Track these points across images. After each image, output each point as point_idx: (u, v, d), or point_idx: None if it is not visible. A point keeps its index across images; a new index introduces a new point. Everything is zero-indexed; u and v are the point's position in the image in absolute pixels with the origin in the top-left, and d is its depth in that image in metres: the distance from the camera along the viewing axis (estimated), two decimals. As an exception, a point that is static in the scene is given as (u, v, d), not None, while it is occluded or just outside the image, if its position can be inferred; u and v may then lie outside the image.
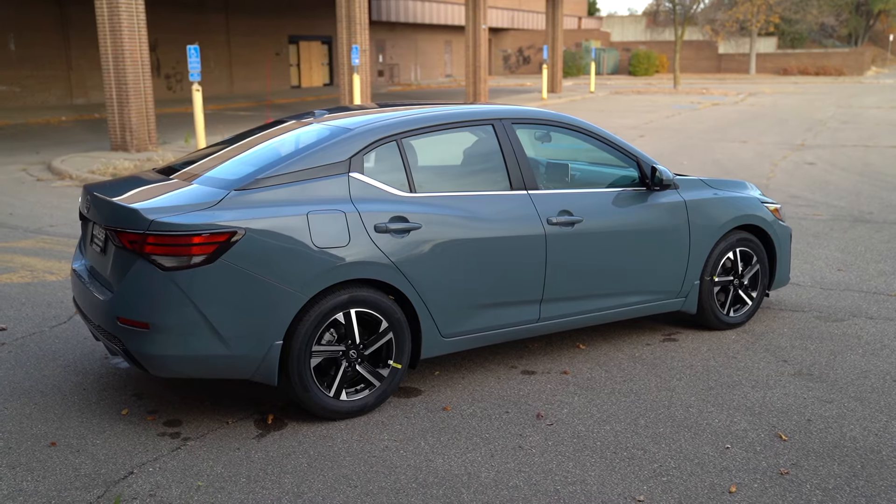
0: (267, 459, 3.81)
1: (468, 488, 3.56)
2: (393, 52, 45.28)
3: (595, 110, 26.95)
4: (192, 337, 3.83)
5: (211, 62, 33.57)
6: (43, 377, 4.79)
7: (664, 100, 32.02)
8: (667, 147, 16.96)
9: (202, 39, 32.71)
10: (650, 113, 25.71)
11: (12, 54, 26.68)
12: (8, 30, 26.40)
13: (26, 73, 27.06)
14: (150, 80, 16.03)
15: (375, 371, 4.28)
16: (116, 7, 15.19)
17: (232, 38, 34.45)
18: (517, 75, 55.23)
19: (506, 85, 43.21)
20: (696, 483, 3.60)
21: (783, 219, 5.96)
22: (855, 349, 5.25)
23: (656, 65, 55.02)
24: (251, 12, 34.96)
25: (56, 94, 28.00)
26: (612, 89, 38.76)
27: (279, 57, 37.29)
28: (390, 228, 4.19)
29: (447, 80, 48.48)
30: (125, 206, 3.94)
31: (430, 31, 47.97)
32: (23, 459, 3.80)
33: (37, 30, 26.98)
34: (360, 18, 21.61)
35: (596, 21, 66.24)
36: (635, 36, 65.52)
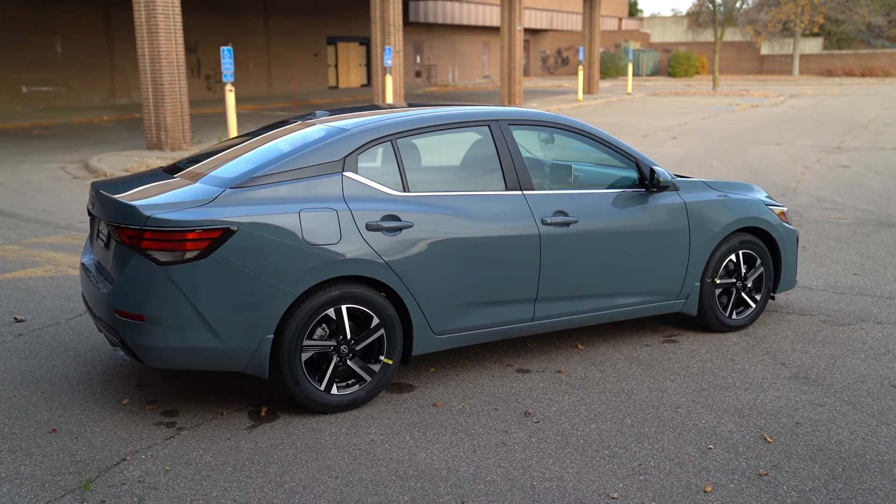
0: (255, 449, 3.92)
1: (446, 482, 3.63)
2: (430, 52, 45.46)
3: (630, 111, 26.80)
4: (185, 329, 3.96)
5: (250, 63, 34.06)
6: (53, 367, 4.97)
7: (702, 101, 31.69)
8: (698, 149, 16.82)
9: (241, 41, 33.22)
10: (686, 114, 25.48)
11: (59, 56, 27.39)
12: (55, 32, 27.11)
13: (72, 74, 27.75)
14: (186, 81, 16.35)
15: (367, 366, 4.37)
16: (153, 10, 15.54)
17: (271, 39, 34.91)
18: (555, 76, 55.05)
19: (543, 86, 43.12)
20: (672, 482, 3.63)
21: (790, 222, 5.92)
22: (857, 354, 5.21)
23: (696, 66, 54.42)
24: (290, 14, 35.40)
25: (99, 95, 28.67)
26: (650, 90, 38.46)
27: (317, 58, 37.69)
28: (382, 227, 4.29)
29: (485, 80, 48.53)
30: (125, 202, 4.09)
31: (467, 32, 48.06)
32: (24, 444, 3.97)
33: (82, 32, 27.65)
34: (394, 20, 21.78)
35: (636, 22, 65.73)
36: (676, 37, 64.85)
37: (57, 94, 27.37)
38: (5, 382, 4.73)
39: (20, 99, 26.44)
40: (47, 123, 22.54)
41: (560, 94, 34.74)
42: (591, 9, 34.84)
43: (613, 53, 52.83)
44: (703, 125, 22.05)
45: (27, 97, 26.62)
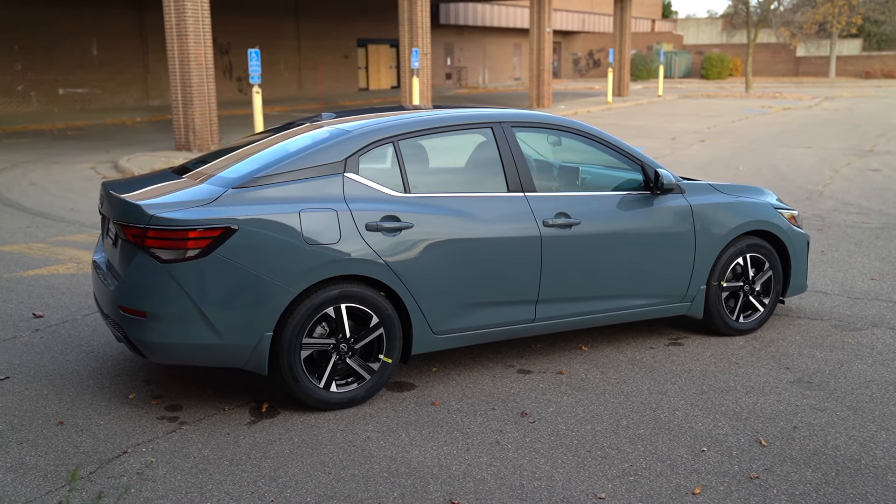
0: (253, 444, 4.00)
1: (436, 479, 3.68)
2: (461, 55, 45.54)
3: (660, 114, 26.63)
4: (186, 326, 4.06)
5: (281, 65, 34.41)
6: (66, 361, 5.10)
7: (733, 104, 31.38)
8: (725, 152, 16.68)
9: (273, 43, 33.58)
10: (716, 117, 25.25)
11: (94, 58, 27.91)
12: (91, 35, 27.63)
13: (106, 76, 28.26)
14: (214, 83, 16.59)
15: (366, 365, 4.43)
16: (183, 13, 15.79)
17: (302, 41, 35.24)
18: (586, 79, 54.83)
19: (573, 88, 42.98)
20: (662, 483, 3.64)
21: (800, 225, 5.88)
22: (864, 359, 5.16)
23: (730, 68, 53.87)
24: (321, 16, 35.69)
25: (133, 96, 29.15)
26: (682, 93, 38.16)
27: (347, 60, 37.95)
28: (381, 227, 4.34)
29: (515, 83, 48.49)
30: (130, 201, 4.20)
31: (498, 35, 48.07)
32: (31, 436, 4.09)
33: (118, 35, 28.15)
34: (422, 22, 21.88)
35: (670, 24, 65.22)
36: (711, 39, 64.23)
37: (92, 96, 27.89)
38: (19, 376, 4.87)
39: (57, 100, 26.99)
40: (82, 124, 22.99)
41: (590, 97, 34.60)
42: (621, 10, 34.67)
43: (645, 55, 52.46)
44: (733, 128, 21.84)
45: (63, 99, 27.16)
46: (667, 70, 53.65)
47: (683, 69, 55.30)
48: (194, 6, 15.89)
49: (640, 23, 59.50)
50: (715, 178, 13.08)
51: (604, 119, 24.79)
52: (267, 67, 33.33)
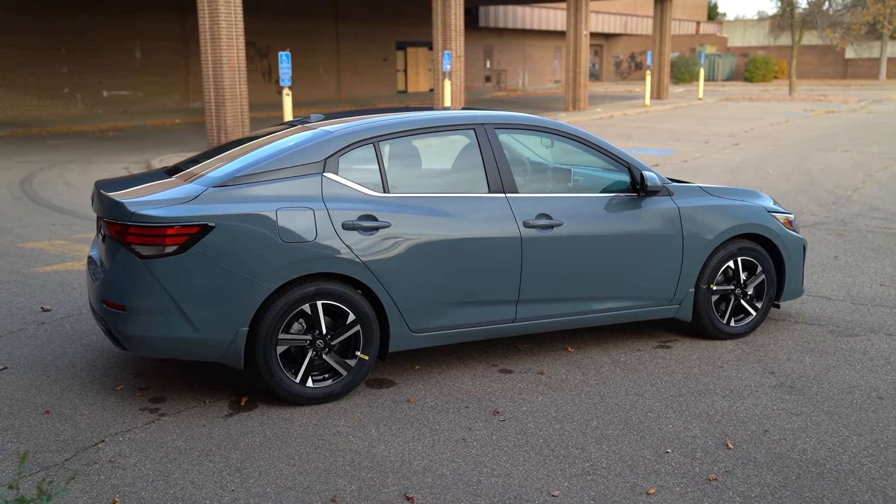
0: (225, 436, 4.11)
1: (396, 473, 3.74)
2: (500, 57, 45.53)
3: (697, 117, 26.35)
4: (164, 320, 4.19)
5: (320, 67, 34.81)
6: (64, 354, 5.29)
7: (775, 107, 30.88)
8: (758, 156, 16.46)
9: (312, 46, 33.98)
10: (755, 120, 24.88)
11: (137, 61, 28.57)
12: (135, 39, 28.29)
13: (149, 79, 28.89)
14: (246, 85, 16.89)
15: (343, 361, 4.52)
16: (216, 17, 16.11)
17: (341, 44, 35.60)
18: (628, 81, 54.40)
19: (613, 91, 42.70)
20: (618, 483, 3.66)
21: (796, 229, 5.82)
22: (854, 365, 5.09)
23: (775, 70, 52.97)
24: (360, 19, 36.02)
25: (174, 98, 29.76)
26: (723, 96, 37.65)
27: (386, 62, 38.22)
28: (358, 226, 4.43)
29: (555, 86, 48.32)
30: (114, 199, 4.35)
31: (538, 37, 47.96)
32: (16, 424, 4.26)
33: (160, 38, 28.77)
34: (456, 24, 21.99)
35: (715, 26, 64.37)
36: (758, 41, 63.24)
37: (135, 98, 28.54)
38: (18, 367, 5.06)
39: (101, 103, 27.68)
40: (123, 126, 23.55)
41: (628, 100, 34.35)
42: (661, 12, 34.37)
43: (688, 58, 51.86)
44: (771, 131, 21.52)
45: (107, 101, 27.85)
46: (710, 73, 52.97)
47: (727, 72, 54.54)
48: (227, 10, 16.20)
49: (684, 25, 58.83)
50: (744, 182, 12.94)
51: (637, 122, 24.61)
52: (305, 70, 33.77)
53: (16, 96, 25.54)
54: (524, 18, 43.72)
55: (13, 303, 6.41)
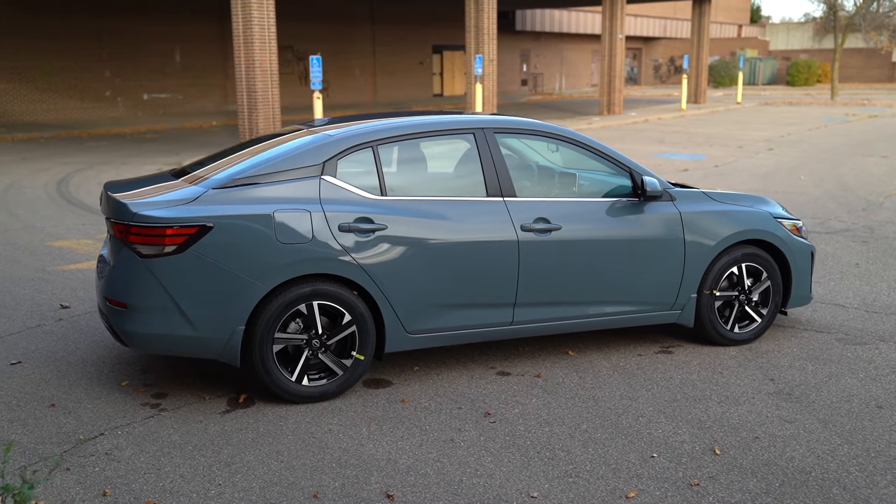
0: (220, 432, 4.22)
1: (380, 472, 3.81)
2: (538, 61, 45.45)
3: (733, 121, 26.04)
4: (163, 317, 4.31)
5: (356, 70, 35.10)
6: (77, 349, 5.45)
7: (815, 111, 30.39)
8: (793, 161, 16.24)
9: (348, 49, 34.29)
10: (793, 125, 24.53)
11: (177, 65, 29.11)
12: (175, 42, 28.84)
13: (188, 82, 29.43)
14: (278, 88, 17.12)
15: (339, 361, 4.60)
16: (250, 21, 16.38)
17: (377, 47, 35.87)
18: (667, 85, 53.89)
19: (651, 95, 42.36)
20: (599, 486, 3.68)
21: (805, 236, 5.76)
22: (857, 373, 5.03)
23: (818, 74, 52.06)
24: (397, 23, 36.26)
25: (213, 101, 30.24)
26: (763, 100, 37.15)
27: (422, 66, 38.40)
28: (354, 228, 4.51)
29: (592, 89, 48.07)
30: (118, 200, 4.48)
31: (576, 41, 47.77)
32: (23, 416, 4.41)
33: (199, 42, 29.29)
34: (489, 28, 22.05)
35: (758, 29, 63.49)
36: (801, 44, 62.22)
37: (174, 101, 29.08)
38: (32, 361, 5.23)
39: (141, 105, 28.26)
40: (161, 128, 24.03)
41: (664, 104, 34.07)
42: (700, 16, 34.03)
43: (728, 62, 51.22)
44: (808, 136, 21.20)
45: (147, 104, 28.42)
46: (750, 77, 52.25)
47: (768, 76, 53.73)
48: (260, 15, 16.46)
49: (726, 28, 58.16)
50: (774, 188, 12.79)
51: (672, 126, 24.41)
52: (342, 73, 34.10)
53: (60, 99, 26.19)
54: (561, 22, 43.60)
55: (35, 299, 6.61)
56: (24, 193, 12.31)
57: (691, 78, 34.02)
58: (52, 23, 25.47)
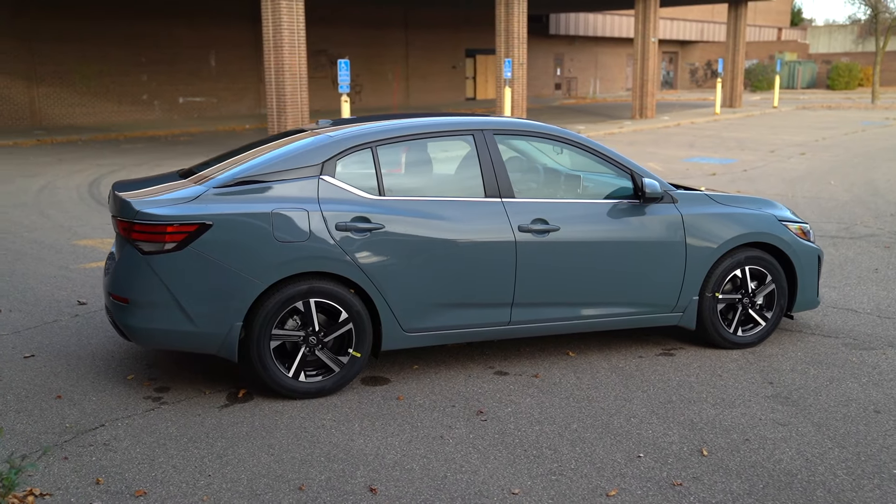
0: (216, 425, 4.31)
1: (366, 466, 3.87)
2: (571, 65, 45.31)
3: (767, 126, 25.73)
4: (163, 313, 4.43)
5: (389, 75, 35.32)
6: (88, 344, 5.60)
7: (854, 115, 29.89)
8: (824, 165, 16.03)
9: (381, 53, 34.53)
10: (829, 129, 24.17)
11: (212, 69, 29.58)
12: (210, 47, 29.31)
13: (223, 86, 29.89)
14: (307, 92, 17.34)
15: (336, 358, 4.67)
16: (279, 26, 16.62)
17: (410, 51, 36.07)
18: (703, 89, 53.34)
19: (687, 99, 41.98)
20: (581, 484, 3.70)
21: (812, 240, 5.71)
22: (859, 378, 4.98)
23: (859, 78, 51.11)
24: (430, 27, 36.43)
25: (246, 105, 30.66)
26: (801, 104, 36.60)
27: (455, 70, 38.52)
28: (351, 227, 4.58)
29: (627, 93, 47.77)
30: (123, 198, 4.61)
31: (610, 45, 47.53)
32: (29, 406, 4.55)
33: (234, 47, 29.73)
34: (518, 32, 22.06)
35: (798, 32, 62.57)
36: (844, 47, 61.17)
37: (208, 105, 29.55)
38: (44, 355, 5.39)
39: (177, 109, 28.76)
40: (195, 131, 24.42)
41: (698, 108, 33.76)
42: (735, 18, 33.68)
43: (766, 65, 50.54)
44: (844, 141, 20.88)
45: (183, 107, 28.91)
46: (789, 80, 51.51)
47: (807, 79, 52.91)
48: (290, 19, 16.69)
49: (766, 31, 57.43)
50: (802, 192, 12.64)
51: (704, 130, 24.20)
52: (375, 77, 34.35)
53: (98, 103, 26.76)
54: (596, 26, 43.43)
55: (54, 296, 6.79)
56: (56, 194, 12.63)
57: (726, 82, 33.68)
58: (91, 28, 26.04)
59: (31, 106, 25.39)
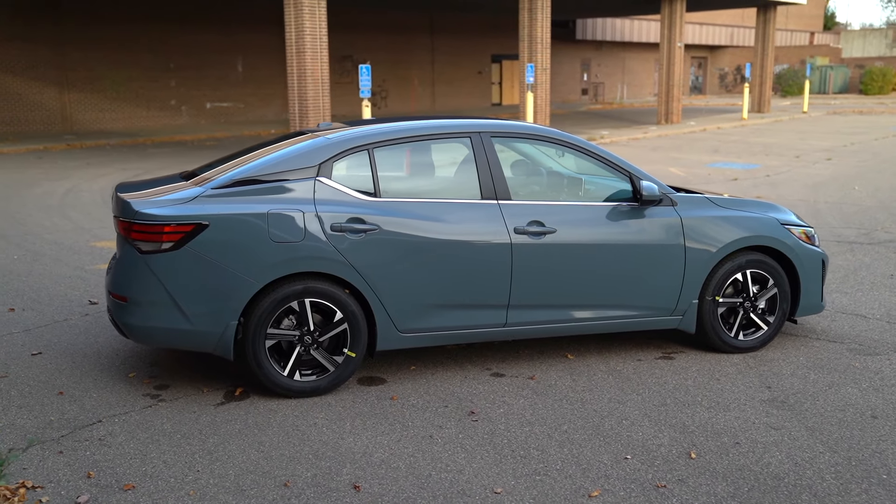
0: (210, 422, 4.38)
1: (353, 464, 3.91)
2: (598, 70, 45.14)
3: (795, 131, 25.44)
4: (160, 311, 4.50)
5: (414, 80, 35.46)
6: (95, 343, 5.71)
7: (885, 121, 29.43)
8: (850, 171, 15.82)
9: (407, 59, 34.69)
10: (858, 135, 23.83)
11: (239, 75, 29.92)
12: (238, 53, 29.65)
13: (250, 91, 30.21)
14: (329, 97, 17.49)
15: (331, 357, 4.72)
16: (302, 32, 16.79)
17: (436, 57, 36.19)
18: (733, 94, 52.83)
19: (716, 104, 41.62)
20: (565, 484, 3.70)
21: (816, 244, 5.65)
22: (860, 383, 4.92)
23: (893, 82, 50.24)
24: (456, 32, 36.53)
25: (273, 110, 30.96)
26: (832, 109, 36.14)
27: (481, 75, 38.56)
28: (346, 228, 4.63)
29: (654, 99, 47.45)
30: (123, 199, 4.70)
31: (638, 50, 47.28)
32: (31, 402, 4.65)
33: (261, 52, 30.03)
34: (542, 37, 22.06)
35: (832, 36, 61.77)
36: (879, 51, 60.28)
37: (235, 110, 29.88)
38: (51, 352, 5.50)
39: (204, 114, 29.12)
40: (221, 136, 24.71)
41: (725, 113, 33.46)
42: (764, 23, 33.35)
43: (797, 70, 49.95)
44: (873, 146, 20.58)
45: (210, 112, 29.26)
46: (820, 85, 50.84)
47: (840, 84, 52.18)
48: (312, 25, 16.85)
49: (798, 35, 56.79)
50: (824, 198, 12.50)
51: (730, 136, 23.99)
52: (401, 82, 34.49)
53: (127, 108, 27.19)
54: (623, 31, 43.24)
55: (67, 295, 6.93)
56: (80, 197, 12.86)
57: (754, 87, 33.37)
58: (122, 35, 26.47)
59: (63, 111, 25.87)
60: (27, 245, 9.07)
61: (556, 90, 41.54)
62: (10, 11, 24.17)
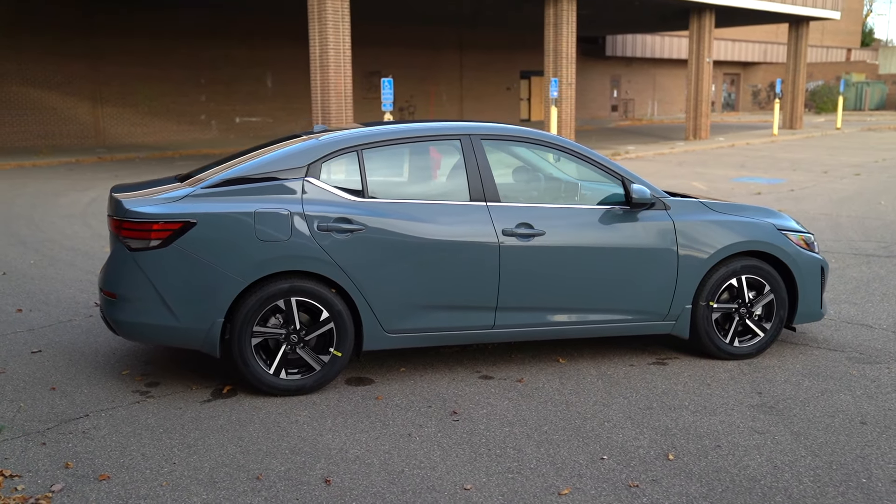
0: (194, 418, 4.42)
1: (328, 459, 3.92)
2: (629, 86, 44.98)
3: (826, 147, 25.10)
4: (148, 308, 4.57)
5: (443, 95, 35.65)
6: (95, 342, 5.80)
7: (919, 137, 28.93)
8: (878, 186, 15.57)
9: (435, 75, 34.90)
10: (891, 151, 23.46)
11: (268, 90, 30.31)
12: (267, 68, 30.06)
13: (278, 106, 30.58)
14: (352, 110, 17.63)
15: (317, 356, 4.75)
16: (326, 46, 16.98)
17: (464, 72, 36.36)
18: (766, 111, 52.29)
19: (748, 121, 41.23)
20: (536, 483, 3.68)
21: (816, 250, 5.57)
22: (854, 390, 4.83)
23: (931, 99, 49.44)
24: (484, 48, 36.68)
25: (301, 124, 31.27)
26: (866, 125, 35.60)
27: (510, 91, 38.64)
28: (333, 228, 4.67)
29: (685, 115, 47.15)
30: (116, 198, 4.79)
31: (669, 66, 47.04)
32: (23, 397, 4.74)
33: (290, 68, 30.41)
34: (567, 52, 22.08)
35: (869, 52, 60.93)
36: (920, 67, 59.28)
37: (264, 124, 30.25)
38: (50, 350, 5.60)
39: (233, 129, 29.53)
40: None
41: (755, 129, 33.13)
42: (796, 39, 33.02)
43: (832, 86, 49.32)
44: (904, 162, 20.24)
45: (239, 127, 29.67)
46: (856, 102, 50.13)
47: (876, 100, 51.38)
48: (336, 39, 17.05)
49: (834, 52, 56.13)
50: (847, 212, 12.31)
51: (759, 152, 23.74)
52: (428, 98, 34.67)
53: (158, 122, 27.67)
54: (654, 47, 43.09)
55: (75, 298, 7.05)
56: (103, 207, 13.09)
57: (786, 103, 33.01)
58: (155, 50, 26.99)
59: (96, 125, 26.39)
60: (45, 250, 9.25)
61: (585, 107, 41.47)
62: (47, 28, 24.79)
